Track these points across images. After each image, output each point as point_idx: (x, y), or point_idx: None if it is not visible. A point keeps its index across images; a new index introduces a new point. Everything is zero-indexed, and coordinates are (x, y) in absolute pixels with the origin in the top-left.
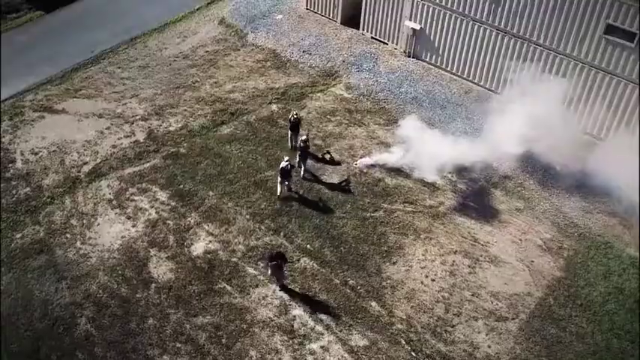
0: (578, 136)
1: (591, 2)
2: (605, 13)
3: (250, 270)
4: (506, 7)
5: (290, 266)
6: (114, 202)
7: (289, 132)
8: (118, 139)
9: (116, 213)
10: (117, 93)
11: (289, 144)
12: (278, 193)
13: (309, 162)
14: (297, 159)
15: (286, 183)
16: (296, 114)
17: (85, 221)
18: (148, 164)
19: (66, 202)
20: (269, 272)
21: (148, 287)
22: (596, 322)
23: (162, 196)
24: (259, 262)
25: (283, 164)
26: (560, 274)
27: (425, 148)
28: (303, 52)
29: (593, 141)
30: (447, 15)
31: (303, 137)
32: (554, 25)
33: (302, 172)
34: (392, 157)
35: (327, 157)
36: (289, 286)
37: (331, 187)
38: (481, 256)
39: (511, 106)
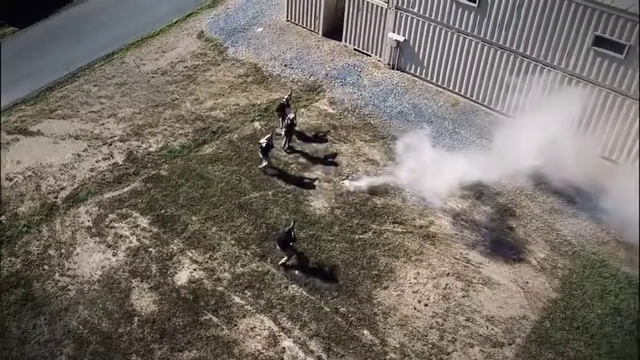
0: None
1: (579, 13)
2: (594, 24)
3: (237, 299)
4: (492, 18)
5: (278, 294)
6: (93, 230)
7: (276, 112)
8: (96, 161)
9: (96, 241)
10: (94, 112)
11: (279, 124)
12: (261, 167)
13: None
14: (283, 136)
15: (266, 159)
16: (287, 97)
17: (63, 251)
18: (127, 188)
19: (43, 231)
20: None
21: (130, 321)
22: (594, 346)
23: (144, 221)
24: (246, 291)
25: (262, 141)
26: (555, 295)
27: (416, 169)
28: (285, 66)
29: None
30: (432, 26)
31: (291, 115)
32: (541, 36)
33: (285, 144)
34: (381, 179)
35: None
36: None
37: (315, 160)
38: (474, 277)
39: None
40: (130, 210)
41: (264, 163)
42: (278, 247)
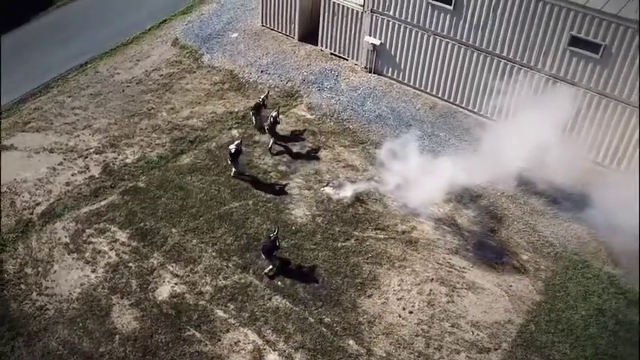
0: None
1: (554, 14)
2: (569, 24)
3: (220, 313)
4: (468, 20)
5: (261, 306)
6: (71, 246)
7: (251, 111)
8: (72, 175)
9: (74, 258)
10: (68, 124)
11: (253, 123)
12: (232, 174)
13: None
14: (267, 134)
15: (234, 166)
16: (263, 98)
17: (40, 269)
18: (104, 202)
19: (19, 249)
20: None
21: (111, 339)
22: (580, 348)
23: (122, 236)
24: (229, 304)
25: (231, 147)
26: (539, 297)
27: (397, 174)
28: (262, 71)
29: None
30: (408, 29)
31: (274, 114)
32: (518, 37)
33: (271, 144)
34: (362, 185)
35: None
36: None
37: (297, 156)
38: (458, 282)
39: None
40: (108, 224)
41: (234, 170)
42: (263, 256)
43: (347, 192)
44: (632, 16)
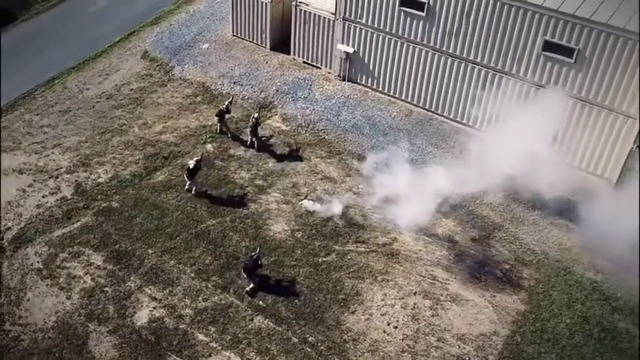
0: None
1: (527, 19)
2: (542, 29)
3: (201, 337)
4: (441, 26)
5: (243, 327)
6: (44, 272)
7: (216, 118)
8: (43, 196)
9: (47, 284)
10: (37, 144)
11: (217, 129)
12: (186, 188)
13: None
14: (249, 135)
15: (190, 182)
16: (227, 104)
17: (12, 297)
18: (78, 224)
19: None
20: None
21: None
22: (566, 357)
23: (97, 259)
24: (210, 327)
25: (190, 163)
26: (524, 307)
27: (375, 185)
28: (234, 83)
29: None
30: (381, 37)
31: (255, 115)
32: (491, 43)
33: (254, 144)
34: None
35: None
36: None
37: (281, 157)
38: (442, 295)
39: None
40: (82, 247)
41: (187, 185)
42: (244, 275)
43: (335, 209)
44: (604, 20)
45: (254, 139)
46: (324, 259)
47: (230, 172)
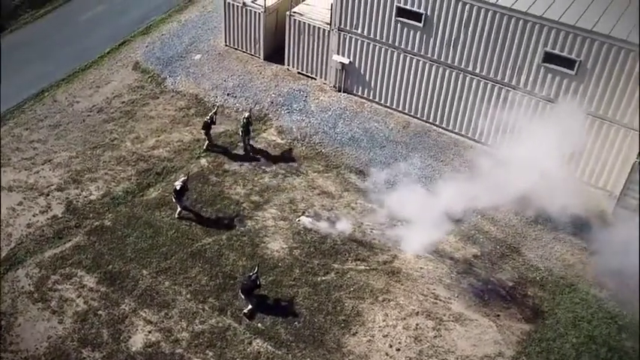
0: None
1: (527, 29)
2: (543, 40)
3: None
4: (438, 38)
5: (242, 351)
6: (35, 295)
7: (202, 131)
8: (33, 215)
9: (39, 308)
10: (27, 160)
11: (205, 142)
12: (176, 215)
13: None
14: (241, 135)
15: (179, 204)
16: (211, 115)
17: (3, 323)
18: (69, 243)
19: None
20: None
21: None
22: None
23: (90, 281)
24: (207, 352)
25: (177, 184)
26: (528, 327)
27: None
28: (228, 94)
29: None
30: (377, 47)
31: (246, 114)
32: (490, 54)
33: (247, 144)
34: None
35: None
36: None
37: (275, 159)
38: (445, 315)
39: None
40: (75, 268)
41: (178, 209)
42: (242, 296)
43: (345, 225)
44: (606, 31)
45: (246, 140)
46: (324, 278)
47: (225, 188)
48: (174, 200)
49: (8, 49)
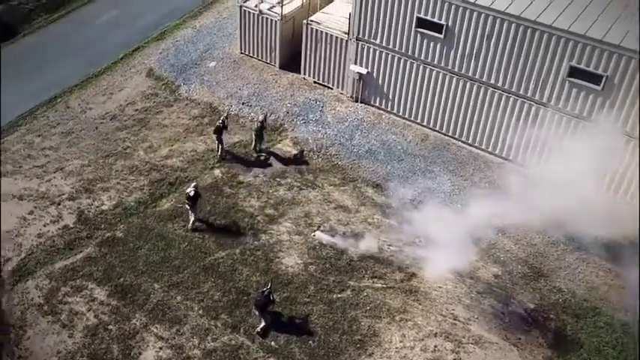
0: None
1: (552, 43)
2: (568, 54)
3: None
4: (460, 49)
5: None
6: (45, 308)
7: (214, 135)
8: (44, 225)
9: (48, 321)
10: (39, 167)
11: (217, 148)
12: (189, 225)
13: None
14: (254, 139)
15: (193, 212)
16: (223, 119)
17: (12, 336)
18: (80, 255)
19: None
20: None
21: None
22: None
23: (101, 294)
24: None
25: (189, 190)
26: (551, 352)
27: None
28: (243, 103)
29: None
30: (396, 58)
31: (261, 117)
32: (513, 67)
33: (256, 146)
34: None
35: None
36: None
37: (286, 161)
38: (464, 337)
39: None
40: (85, 281)
41: (192, 219)
42: (255, 312)
43: (372, 243)
44: (634, 46)
45: (258, 144)
46: (339, 295)
47: (239, 200)
48: (187, 208)
49: (21, 53)
